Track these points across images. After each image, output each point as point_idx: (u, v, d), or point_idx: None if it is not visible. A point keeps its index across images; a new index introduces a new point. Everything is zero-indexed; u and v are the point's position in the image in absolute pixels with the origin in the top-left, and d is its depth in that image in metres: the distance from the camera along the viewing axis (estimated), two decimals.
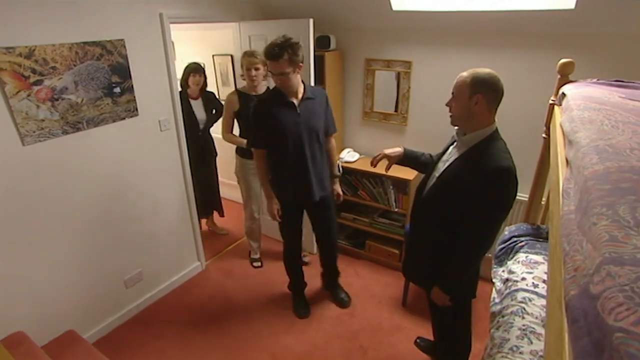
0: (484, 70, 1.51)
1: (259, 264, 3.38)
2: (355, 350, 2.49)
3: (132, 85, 2.44)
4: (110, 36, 2.28)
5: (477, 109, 1.51)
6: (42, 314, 2.28)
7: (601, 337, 0.41)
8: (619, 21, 2.10)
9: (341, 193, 2.65)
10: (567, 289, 0.57)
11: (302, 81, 2.25)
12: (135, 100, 2.48)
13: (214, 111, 3.34)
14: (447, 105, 1.61)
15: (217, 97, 3.49)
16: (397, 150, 1.90)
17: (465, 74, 1.52)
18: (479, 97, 1.48)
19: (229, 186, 4.30)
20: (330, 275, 2.92)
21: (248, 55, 2.68)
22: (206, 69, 4.01)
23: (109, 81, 2.34)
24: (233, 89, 3.72)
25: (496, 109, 1.54)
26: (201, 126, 3.23)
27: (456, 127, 1.64)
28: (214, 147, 3.49)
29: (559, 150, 1.24)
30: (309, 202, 2.42)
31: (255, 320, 2.77)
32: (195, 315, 2.82)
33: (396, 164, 1.93)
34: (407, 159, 1.92)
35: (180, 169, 2.89)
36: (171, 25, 2.59)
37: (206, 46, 3.87)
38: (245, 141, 2.75)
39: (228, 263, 3.42)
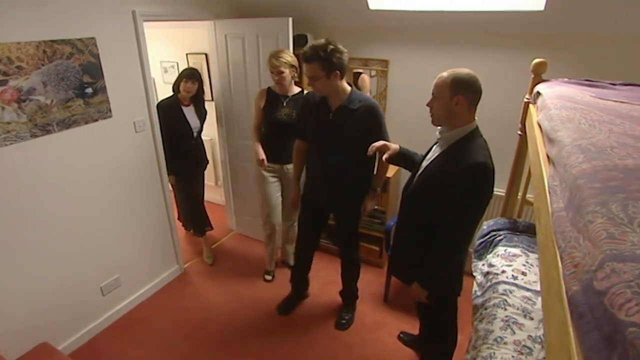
0: (464, 70, 1.53)
1: (270, 277, 3.16)
2: (340, 348, 2.51)
3: (105, 86, 2.35)
4: (81, 34, 2.19)
5: (457, 109, 1.53)
6: (13, 326, 2.16)
7: (612, 331, 0.44)
8: (586, 22, 2.21)
9: (369, 208, 2.34)
10: (568, 284, 0.59)
11: (352, 88, 2.14)
12: (108, 100, 2.39)
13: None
14: (428, 105, 1.61)
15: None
16: (394, 146, 1.90)
17: (445, 74, 1.54)
18: (460, 97, 1.50)
19: (210, 188, 4.23)
20: (344, 293, 2.78)
21: (270, 56, 2.52)
22: (180, 68, 3.94)
23: (80, 81, 2.24)
24: (208, 88, 3.67)
25: (475, 108, 1.59)
26: (194, 134, 3.06)
27: (439, 127, 1.67)
28: (205, 153, 3.30)
29: (540, 148, 1.29)
30: (322, 205, 2.41)
31: (238, 321, 2.74)
32: (177, 319, 2.76)
33: (391, 163, 1.94)
34: (402, 157, 1.91)
35: (157, 170, 2.81)
36: (144, 24, 2.51)
37: (180, 45, 3.78)
38: (258, 153, 2.71)
39: (207, 265, 3.36)
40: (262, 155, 2.70)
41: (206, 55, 3.60)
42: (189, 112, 2.99)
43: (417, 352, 2.47)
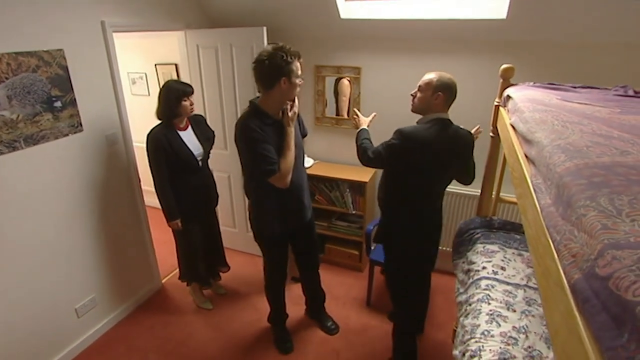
0: (447, 75, 1.89)
1: None
2: (328, 354, 2.52)
3: (75, 99, 2.28)
4: (48, 46, 2.11)
5: (436, 103, 1.89)
6: None
7: (620, 311, 0.49)
8: (546, 30, 2.36)
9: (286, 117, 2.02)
10: (569, 273, 0.65)
11: None
12: (78, 114, 2.31)
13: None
14: (412, 95, 1.96)
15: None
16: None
17: (433, 74, 1.88)
18: (440, 94, 1.86)
19: None
20: (318, 299, 2.75)
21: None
22: (148, 80, 3.86)
23: (48, 95, 2.16)
24: None
25: (449, 106, 1.93)
26: (200, 162, 2.54)
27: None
28: (216, 187, 2.80)
29: (517, 148, 1.37)
30: (301, 226, 2.32)
31: (222, 334, 2.69)
32: (157, 337, 2.67)
33: None
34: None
35: (131, 184, 2.73)
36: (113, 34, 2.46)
37: (148, 55, 3.70)
38: None
39: None
40: None
41: (176, 65, 3.55)
42: (188, 137, 2.48)
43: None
